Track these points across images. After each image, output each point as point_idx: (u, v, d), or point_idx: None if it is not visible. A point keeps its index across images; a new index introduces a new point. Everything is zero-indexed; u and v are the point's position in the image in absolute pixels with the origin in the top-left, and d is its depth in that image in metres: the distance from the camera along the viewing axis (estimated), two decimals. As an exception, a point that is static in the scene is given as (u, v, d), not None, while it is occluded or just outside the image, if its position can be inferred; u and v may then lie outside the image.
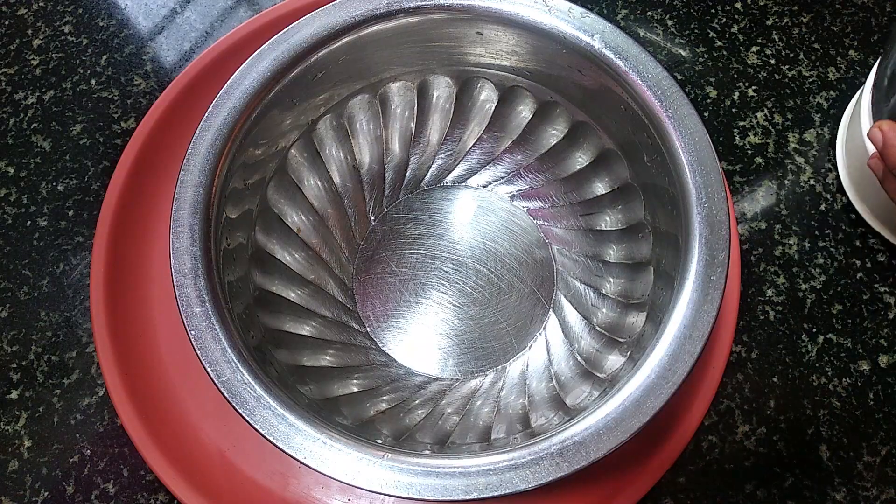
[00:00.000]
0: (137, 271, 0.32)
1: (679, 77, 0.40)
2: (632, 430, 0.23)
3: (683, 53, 0.41)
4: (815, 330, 0.34)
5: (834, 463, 0.32)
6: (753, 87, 0.40)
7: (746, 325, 0.34)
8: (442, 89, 0.35)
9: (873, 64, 0.40)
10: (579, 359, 0.31)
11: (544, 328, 0.33)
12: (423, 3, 0.30)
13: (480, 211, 0.36)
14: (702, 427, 0.32)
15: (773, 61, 0.41)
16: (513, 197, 0.36)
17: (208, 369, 0.24)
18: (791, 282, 0.35)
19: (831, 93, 0.40)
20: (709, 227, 0.26)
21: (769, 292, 0.35)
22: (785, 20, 0.42)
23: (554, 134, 0.35)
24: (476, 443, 0.29)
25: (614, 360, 0.30)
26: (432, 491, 0.22)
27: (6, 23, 0.43)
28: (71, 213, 0.37)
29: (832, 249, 0.36)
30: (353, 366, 0.32)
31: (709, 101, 0.40)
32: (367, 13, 0.30)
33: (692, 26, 0.42)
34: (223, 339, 0.25)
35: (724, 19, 0.42)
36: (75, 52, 0.42)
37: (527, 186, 0.36)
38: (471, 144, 0.36)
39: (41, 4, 0.43)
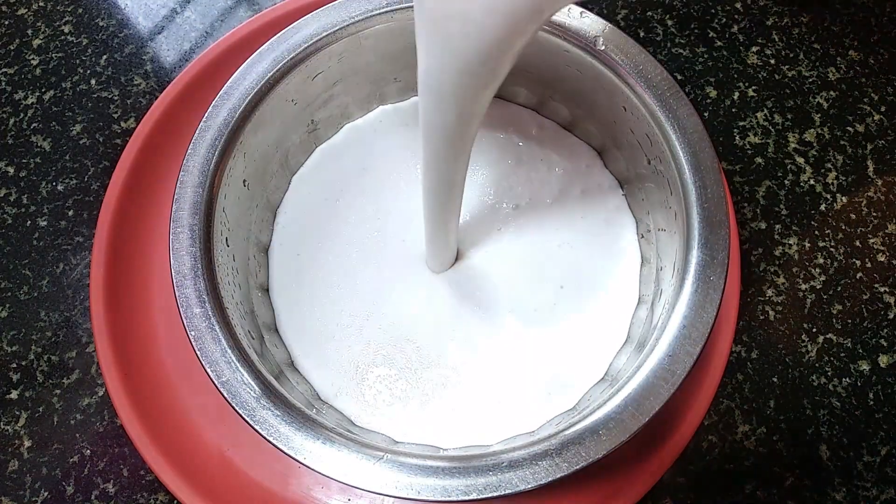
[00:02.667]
0: (137, 271, 0.32)
1: (679, 77, 0.40)
2: (632, 430, 0.23)
3: (683, 53, 0.41)
4: (815, 330, 0.34)
5: (834, 463, 0.32)
6: (753, 87, 0.40)
7: (746, 325, 0.34)
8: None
9: (874, 64, 0.40)
10: (579, 359, 0.31)
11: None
12: (423, 3, 0.30)
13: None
14: (702, 427, 0.32)
15: (773, 61, 0.41)
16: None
17: (208, 370, 0.24)
18: (791, 282, 0.35)
19: (831, 93, 0.40)
20: (709, 227, 0.26)
21: (769, 292, 0.35)
22: (785, 20, 0.42)
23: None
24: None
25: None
26: (432, 491, 0.22)
27: (6, 23, 0.43)
28: (71, 213, 0.37)
29: (832, 249, 0.36)
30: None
31: (709, 101, 0.40)
32: (366, 13, 0.30)
33: (692, 26, 0.42)
34: (223, 340, 0.25)
35: (724, 19, 0.42)
36: (75, 52, 0.42)
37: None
38: (471, 144, 0.36)
39: (41, 4, 0.43)
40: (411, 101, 0.36)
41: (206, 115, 0.28)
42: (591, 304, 0.31)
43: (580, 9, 0.29)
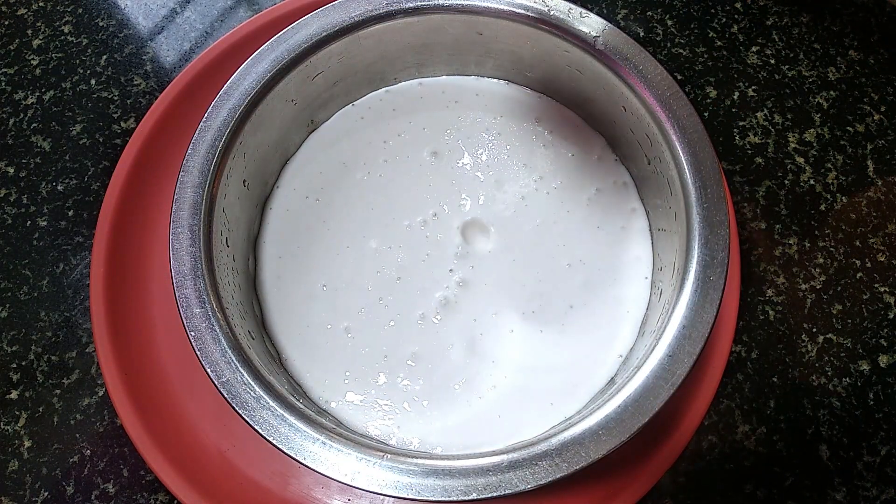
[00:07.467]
0: (137, 271, 0.32)
1: (679, 77, 0.40)
2: (631, 431, 0.23)
3: (683, 53, 0.41)
4: (815, 330, 0.34)
5: (834, 463, 0.32)
6: (753, 87, 0.40)
7: (746, 325, 0.34)
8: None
9: (874, 64, 0.40)
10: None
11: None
12: (422, 3, 0.30)
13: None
14: (702, 427, 0.32)
15: (773, 61, 0.41)
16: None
17: (208, 370, 0.24)
18: (791, 282, 0.35)
19: (831, 93, 0.40)
20: (709, 227, 0.26)
21: (769, 292, 0.35)
22: (785, 20, 0.42)
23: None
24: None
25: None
26: (432, 491, 0.22)
27: (6, 23, 0.43)
28: (71, 213, 0.37)
29: (832, 249, 0.36)
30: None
31: (709, 101, 0.40)
32: (366, 13, 0.30)
33: (692, 26, 0.42)
34: (223, 340, 0.25)
35: (724, 19, 0.42)
36: (75, 52, 0.42)
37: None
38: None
39: (41, 4, 0.43)
40: (402, 85, 0.35)
41: (206, 115, 0.28)
42: (601, 318, 0.30)
43: (580, 9, 0.29)
